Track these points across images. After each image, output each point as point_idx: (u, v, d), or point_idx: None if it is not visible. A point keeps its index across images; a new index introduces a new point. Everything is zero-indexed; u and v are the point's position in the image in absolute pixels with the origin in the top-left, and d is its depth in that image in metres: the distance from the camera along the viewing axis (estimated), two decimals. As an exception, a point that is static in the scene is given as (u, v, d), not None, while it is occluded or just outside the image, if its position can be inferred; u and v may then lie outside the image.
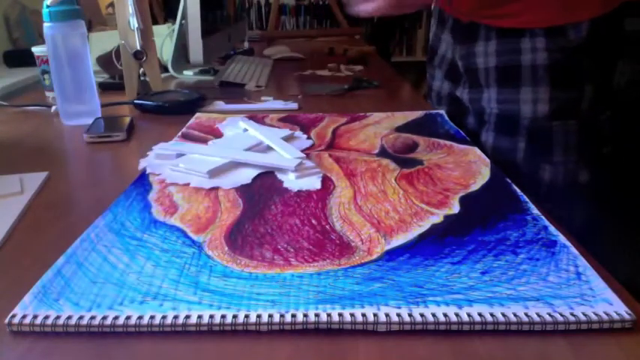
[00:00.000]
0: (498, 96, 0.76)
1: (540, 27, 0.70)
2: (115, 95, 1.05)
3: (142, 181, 0.58)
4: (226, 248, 0.43)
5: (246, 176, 0.59)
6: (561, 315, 0.34)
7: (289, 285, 0.38)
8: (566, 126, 0.72)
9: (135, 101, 0.95)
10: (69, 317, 0.34)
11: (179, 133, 0.78)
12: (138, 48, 1.00)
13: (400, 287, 0.37)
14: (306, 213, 0.50)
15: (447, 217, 0.48)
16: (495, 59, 0.75)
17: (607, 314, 0.33)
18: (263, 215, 0.49)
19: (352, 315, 0.34)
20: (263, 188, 0.56)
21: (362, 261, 0.41)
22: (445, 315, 0.34)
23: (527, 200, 0.51)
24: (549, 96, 0.71)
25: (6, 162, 0.70)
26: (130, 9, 0.97)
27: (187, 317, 0.34)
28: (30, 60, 1.08)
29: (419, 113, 0.86)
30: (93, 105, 0.88)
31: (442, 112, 0.86)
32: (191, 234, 0.46)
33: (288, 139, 0.71)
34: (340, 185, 0.56)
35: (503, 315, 0.34)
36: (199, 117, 0.88)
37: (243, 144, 0.68)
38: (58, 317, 0.34)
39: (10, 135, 0.83)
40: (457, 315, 0.34)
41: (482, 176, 0.58)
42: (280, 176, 0.59)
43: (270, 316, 0.34)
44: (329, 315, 0.34)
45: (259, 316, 0.34)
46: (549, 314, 0.34)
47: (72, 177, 0.65)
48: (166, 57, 1.26)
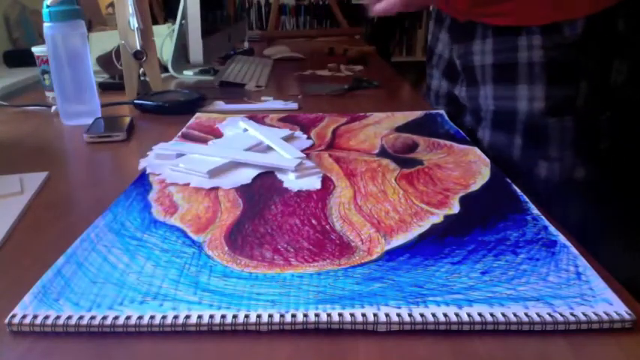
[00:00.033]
0: (495, 93, 0.77)
1: (536, 25, 0.71)
2: (115, 95, 1.05)
3: (142, 181, 0.58)
4: (226, 248, 0.43)
5: (246, 176, 0.59)
6: (561, 315, 0.34)
7: (289, 285, 0.38)
8: (562, 122, 0.73)
9: (135, 101, 0.95)
10: (69, 317, 0.34)
11: (179, 133, 0.78)
12: (138, 48, 1.00)
13: (400, 287, 0.37)
14: (306, 213, 0.50)
15: (447, 217, 0.48)
16: (492, 57, 0.76)
17: (607, 314, 0.33)
18: (263, 215, 0.49)
19: (352, 315, 0.34)
20: (263, 188, 0.56)
21: (362, 261, 0.41)
22: (445, 315, 0.34)
23: (527, 200, 0.51)
24: (545, 93, 0.72)
25: (6, 162, 0.70)
26: (130, 9, 0.97)
27: (187, 317, 0.34)
28: (30, 60, 1.08)
29: (419, 113, 0.86)
30: (93, 105, 0.88)
31: (442, 112, 0.86)
32: (191, 234, 0.46)
33: (288, 139, 0.71)
34: (340, 185, 0.56)
35: (503, 315, 0.34)
36: (199, 117, 0.88)
37: (243, 144, 0.68)
38: (58, 317, 0.34)
39: (10, 135, 0.83)
40: (457, 315, 0.34)
41: (482, 176, 0.58)
42: (280, 176, 0.59)
43: (270, 316, 0.34)
44: (329, 315, 0.34)
45: (259, 316, 0.34)
46: (549, 314, 0.34)
47: (72, 177, 0.65)
48: (166, 57, 1.26)
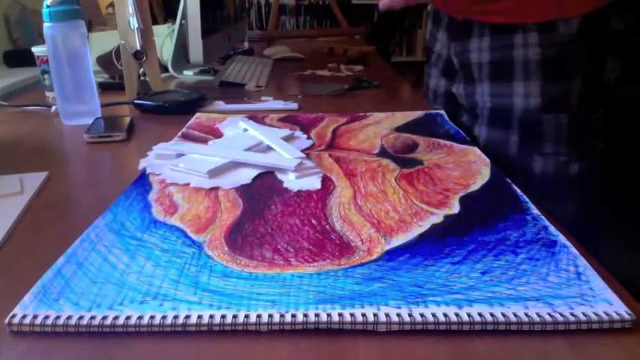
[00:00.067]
0: (491, 90, 0.78)
1: (532, 23, 0.72)
2: (115, 95, 1.05)
3: (142, 181, 0.58)
4: (226, 248, 0.43)
5: (246, 176, 0.59)
6: (561, 315, 0.34)
7: (289, 285, 0.38)
8: (557, 119, 0.74)
9: (135, 101, 0.95)
10: (69, 317, 0.34)
11: (179, 133, 0.78)
12: (138, 48, 1.00)
13: (400, 287, 0.37)
14: (306, 213, 0.50)
15: (447, 217, 0.48)
16: (489, 55, 0.77)
17: (607, 314, 0.33)
18: (263, 215, 0.49)
19: (352, 315, 0.34)
20: (263, 188, 0.56)
21: (362, 261, 0.41)
22: (445, 315, 0.34)
23: (527, 200, 0.51)
24: (541, 89, 0.74)
25: (6, 162, 0.70)
26: (130, 9, 0.97)
27: (187, 317, 0.34)
28: (30, 60, 1.08)
29: (419, 113, 0.86)
30: (93, 105, 0.88)
31: (442, 112, 0.86)
32: (191, 234, 0.46)
33: (288, 139, 0.71)
34: (340, 185, 0.56)
35: (503, 315, 0.34)
36: (199, 117, 0.88)
37: (243, 144, 0.68)
38: (58, 317, 0.34)
39: (10, 135, 0.83)
40: (457, 315, 0.34)
41: (482, 176, 0.58)
42: (280, 176, 0.59)
43: (270, 316, 0.34)
44: (329, 315, 0.34)
45: (259, 316, 0.34)
46: (549, 314, 0.34)
47: (72, 177, 0.65)
48: (166, 57, 1.26)
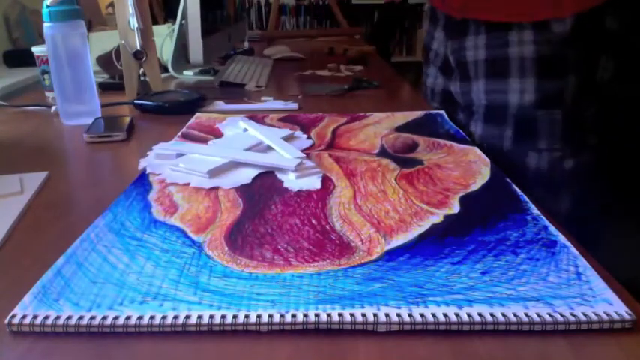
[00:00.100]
0: (487, 87, 0.80)
1: (527, 21, 0.73)
2: (115, 95, 1.05)
3: (142, 181, 0.58)
4: (226, 248, 0.43)
5: (246, 176, 0.59)
6: (561, 315, 0.34)
7: (289, 285, 0.38)
8: (551, 115, 0.75)
9: (135, 101, 0.95)
10: (69, 317, 0.34)
11: (179, 133, 0.78)
12: (138, 48, 1.00)
13: (400, 287, 0.37)
14: (306, 213, 0.50)
15: (447, 217, 0.48)
16: (485, 52, 0.78)
17: (607, 314, 0.33)
18: (263, 215, 0.49)
19: (352, 315, 0.34)
20: (263, 188, 0.56)
21: (362, 261, 0.41)
22: (445, 315, 0.34)
23: (527, 200, 0.51)
24: (535, 86, 0.75)
25: (6, 162, 0.70)
26: (130, 9, 0.97)
27: (187, 317, 0.34)
28: (30, 60, 1.08)
29: (419, 113, 0.86)
30: (93, 105, 0.88)
31: (442, 112, 0.86)
32: (191, 234, 0.46)
33: (288, 139, 0.71)
34: (340, 185, 0.56)
35: (503, 315, 0.34)
36: (199, 117, 0.88)
37: (243, 144, 0.68)
38: (58, 317, 0.34)
39: (10, 135, 0.83)
40: (457, 315, 0.34)
41: (482, 176, 0.58)
42: (280, 176, 0.59)
43: (270, 316, 0.34)
44: (329, 315, 0.34)
45: (259, 316, 0.34)
46: (549, 314, 0.34)
47: (72, 177, 0.65)
48: (166, 57, 1.26)
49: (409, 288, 0.37)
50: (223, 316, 0.34)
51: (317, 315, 0.34)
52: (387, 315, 0.34)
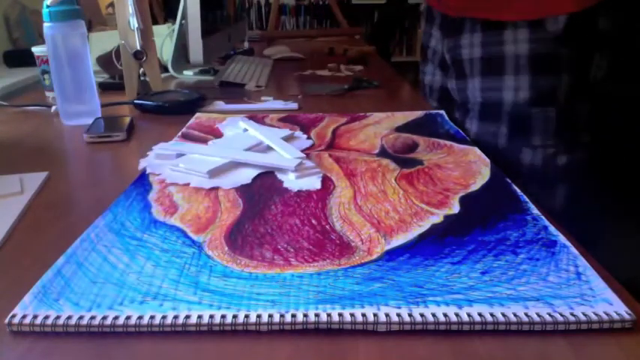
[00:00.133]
0: (482, 85, 0.81)
1: (522, 20, 0.74)
2: (115, 95, 1.05)
3: (142, 181, 0.58)
4: (226, 248, 0.43)
5: (246, 176, 0.59)
6: (561, 315, 0.34)
7: (289, 285, 0.38)
8: (545, 112, 0.77)
9: (135, 101, 0.95)
10: (69, 317, 0.34)
11: (179, 133, 0.78)
12: (138, 48, 1.00)
13: (400, 287, 0.37)
14: (306, 213, 0.50)
15: (447, 217, 0.48)
16: (480, 50, 0.80)
17: (607, 314, 0.33)
18: (263, 215, 0.49)
19: (352, 315, 0.34)
20: (263, 188, 0.56)
21: (362, 261, 0.41)
22: (445, 315, 0.34)
23: (527, 200, 0.51)
24: (530, 83, 0.76)
25: (6, 162, 0.70)
26: (130, 9, 0.97)
27: (187, 317, 0.34)
28: (30, 60, 1.08)
29: (419, 113, 0.86)
30: (93, 105, 0.88)
31: (442, 113, 0.86)
32: (191, 234, 0.46)
33: (288, 139, 0.71)
34: (340, 185, 0.56)
35: (503, 315, 0.34)
36: (199, 117, 0.88)
37: (243, 144, 0.68)
38: (58, 317, 0.34)
39: (10, 135, 0.83)
40: (457, 315, 0.34)
41: (482, 176, 0.58)
42: (280, 176, 0.59)
43: (270, 316, 0.34)
44: (329, 315, 0.34)
45: (259, 316, 0.34)
46: (549, 314, 0.34)
47: (72, 177, 0.65)
48: (166, 57, 1.26)
49: (409, 288, 0.37)
50: (223, 316, 0.34)
51: (317, 315, 0.34)
52: (387, 315, 0.34)
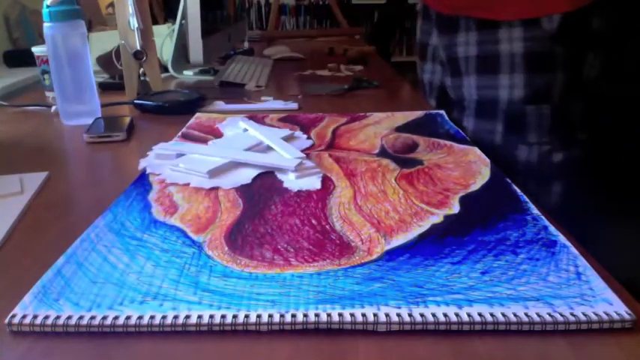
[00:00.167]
0: (478, 83, 0.82)
1: (517, 19, 0.75)
2: (115, 95, 1.05)
3: (142, 181, 0.58)
4: (226, 248, 0.43)
5: (246, 176, 0.59)
6: (561, 315, 0.34)
7: (289, 285, 0.38)
8: (540, 110, 0.78)
9: (135, 101, 0.95)
10: (69, 317, 0.34)
11: (179, 133, 0.78)
12: (138, 48, 1.00)
13: (400, 287, 0.37)
14: (306, 213, 0.50)
15: (447, 217, 0.48)
16: (476, 48, 0.80)
17: (607, 314, 0.33)
18: (263, 215, 0.49)
19: (352, 315, 0.34)
20: (263, 188, 0.56)
21: (362, 261, 0.41)
22: (445, 315, 0.34)
23: (527, 200, 0.51)
24: (525, 81, 0.77)
25: (6, 162, 0.70)
26: (130, 9, 0.97)
27: (187, 317, 0.34)
28: (30, 60, 1.08)
29: (419, 113, 0.86)
30: (93, 105, 0.88)
31: (442, 113, 0.86)
32: (191, 234, 0.46)
33: (288, 139, 0.71)
34: (340, 185, 0.56)
35: (503, 315, 0.34)
36: (199, 117, 0.88)
37: (243, 144, 0.68)
38: (58, 317, 0.34)
39: (10, 135, 0.83)
40: (457, 315, 0.34)
41: (482, 176, 0.58)
42: (280, 176, 0.59)
43: (270, 316, 0.34)
44: (329, 315, 0.34)
45: (259, 316, 0.34)
46: (549, 314, 0.34)
47: (72, 177, 0.65)
48: (166, 57, 1.26)
49: (409, 288, 0.37)
50: (223, 316, 0.34)
51: (317, 315, 0.34)
52: (387, 315, 0.34)
